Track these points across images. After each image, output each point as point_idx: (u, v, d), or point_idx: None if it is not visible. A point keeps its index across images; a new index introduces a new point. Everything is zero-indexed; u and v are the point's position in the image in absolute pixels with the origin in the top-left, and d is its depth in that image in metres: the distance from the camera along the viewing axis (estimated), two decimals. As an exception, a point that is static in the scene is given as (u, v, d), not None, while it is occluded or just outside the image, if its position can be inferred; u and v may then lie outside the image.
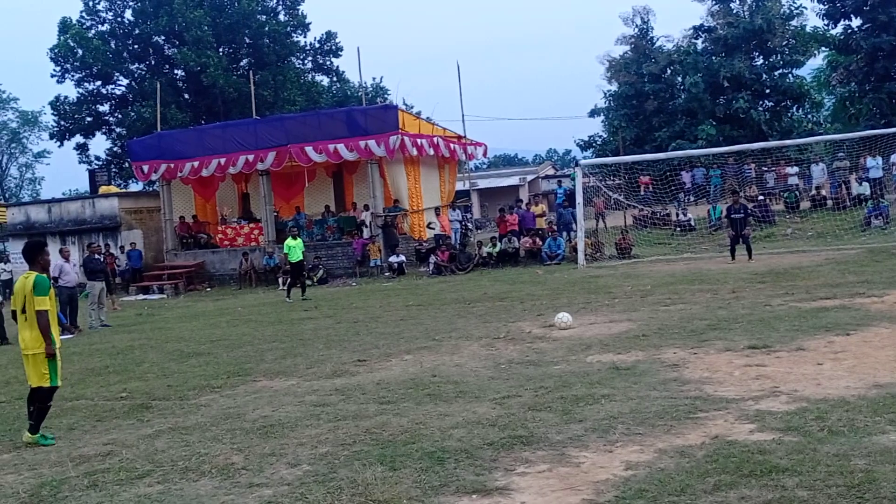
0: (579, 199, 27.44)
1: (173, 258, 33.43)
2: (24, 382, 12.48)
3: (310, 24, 55.15)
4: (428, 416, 8.14)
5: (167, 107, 44.72)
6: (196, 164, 32.22)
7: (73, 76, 52.10)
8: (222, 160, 31.75)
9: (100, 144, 55.27)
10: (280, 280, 29.11)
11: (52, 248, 33.54)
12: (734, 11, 49.26)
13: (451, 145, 34.69)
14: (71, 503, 6.50)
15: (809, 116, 53.10)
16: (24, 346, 8.71)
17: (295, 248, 23.95)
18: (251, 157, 31.33)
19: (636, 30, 52.60)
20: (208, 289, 31.21)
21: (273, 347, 14.22)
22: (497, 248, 29.06)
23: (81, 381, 12.14)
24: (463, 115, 37.54)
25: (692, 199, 37.40)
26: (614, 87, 53.63)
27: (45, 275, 8.86)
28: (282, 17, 54.72)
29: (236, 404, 9.66)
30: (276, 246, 31.33)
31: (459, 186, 40.25)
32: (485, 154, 40.54)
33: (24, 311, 8.70)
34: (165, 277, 32.15)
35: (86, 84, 52.94)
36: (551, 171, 67.51)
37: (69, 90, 53.63)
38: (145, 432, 8.61)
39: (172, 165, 32.68)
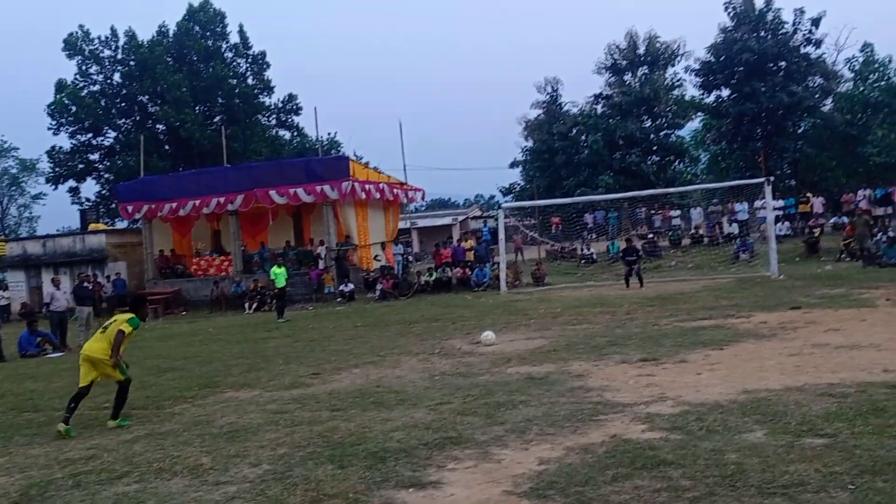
0: (501, 235, 27.64)
1: (153, 286, 32.60)
2: (16, 395, 12.07)
3: (274, 87, 54.95)
4: (372, 420, 8.04)
5: (150, 156, 43.87)
6: (174, 205, 31.67)
7: (67, 129, 50.95)
8: (197, 202, 31.27)
9: (90, 188, 53.98)
10: (247, 305, 28.68)
11: (45, 277, 32.77)
12: (627, 83, 50.39)
13: (395, 190, 34.65)
14: (57, 502, 6.23)
15: (689, 169, 54.49)
16: (91, 352, 9.15)
17: (280, 274, 23.59)
18: (222, 200, 30.91)
19: (547, 96, 53.35)
20: (184, 312, 30.51)
21: (239, 363, 13.91)
22: (433, 277, 29.03)
23: (69, 394, 11.69)
24: (405, 165, 37.93)
25: (594, 236, 38.00)
26: (530, 143, 54.23)
27: (139, 321, 9.38)
28: (250, 81, 54.35)
29: (206, 412, 9.42)
30: (244, 276, 30.93)
31: (402, 225, 40.17)
32: (423, 198, 40.61)
33: (104, 329, 9.28)
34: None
35: (78, 136, 51.75)
36: (478, 213, 67.68)
37: (63, 141, 52.39)
38: (125, 438, 8.32)
39: (154, 206, 32.06)
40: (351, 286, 28.86)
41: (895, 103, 41.45)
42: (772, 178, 25.95)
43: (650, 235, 33.72)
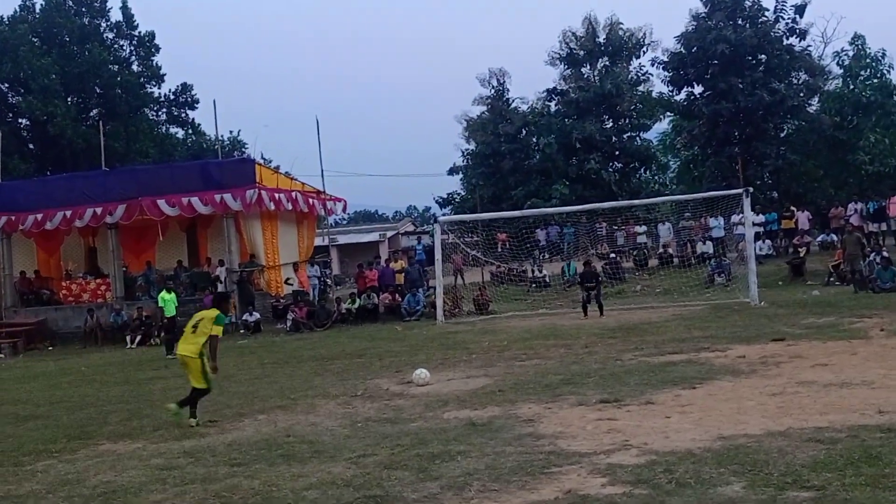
0: (438, 255, 27.73)
1: (12, 315, 31.68)
2: None
3: (164, 75, 54.26)
4: (281, 477, 7.94)
5: (10, 156, 42.74)
6: (39, 216, 30.80)
7: None
8: (68, 213, 30.50)
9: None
10: (129, 338, 28.10)
11: None
12: (585, 76, 51.15)
13: (311, 200, 34.47)
14: None
15: (656, 178, 55.41)
16: (183, 353, 11.57)
17: (170, 301, 23.30)
18: (99, 210, 30.23)
19: (493, 91, 53.73)
20: (50, 347, 29.69)
21: (118, 408, 13.63)
22: (356, 305, 28.92)
23: None
24: (322, 171, 37.19)
25: (547, 255, 38.33)
26: (472, 145, 54.52)
27: (224, 315, 12.01)
28: (135, 67, 53.55)
29: (76, 469, 9.18)
30: (125, 303, 30.31)
31: (318, 242, 39.91)
32: (344, 209, 40.43)
33: (194, 329, 11.57)
34: (3, 336, 30.40)
35: (-80, 131, 50.18)
36: (411, 228, 67.86)
37: None
38: (-27, 502, 8.05)
39: (13, 217, 31.13)
40: (256, 315, 28.54)
41: (889, 104, 42.84)
42: (751, 189, 26.62)
43: (612, 255, 34.14)
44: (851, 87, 43.70)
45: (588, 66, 51.66)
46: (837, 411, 9.00)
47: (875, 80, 43.29)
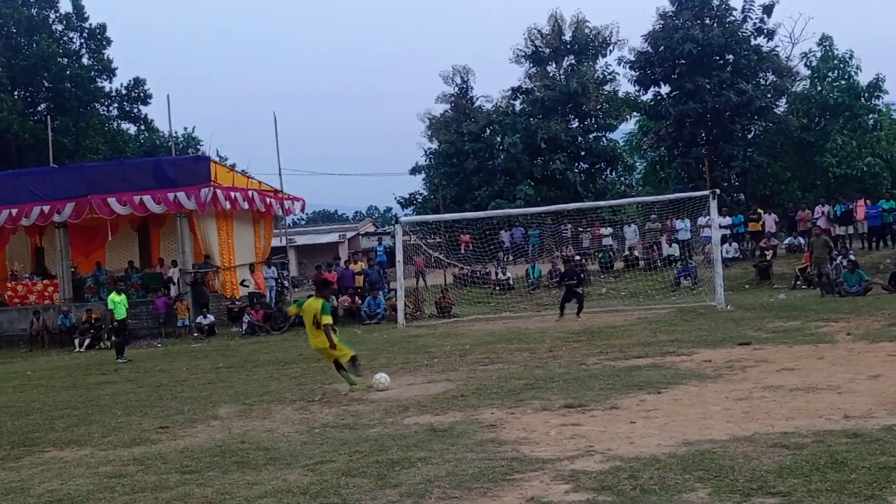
0: (399, 256, 27.71)
1: (-46, 318, 31.29)
2: None
3: (116, 69, 53.72)
4: (234, 485, 7.87)
5: (-48, 152, 42.22)
6: (-17, 214, 30.46)
7: None
8: (13, 211, 30.15)
9: None
10: (77, 341, 27.82)
11: None
12: (550, 74, 51.41)
13: (268, 199, 34.31)
14: None
15: (622, 179, 55.89)
16: (317, 346, 13.65)
17: (120, 303, 23.03)
18: (47, 209, 29.92)
19: (456, 89, 53.86)
20: (-7, 351, 29.33)
21: (65, 414, 13.44)
22: (314, 307, 28.79)
23: None
24: (280, 169, 37.28)
25: (511, 258, 38.45)
26: (435, 144, 54.56)
27: (328, 302, 13.81)
28: (85, 60, 52.99)
29: (20, 478, 9.03)
30: (73, 305, 29.97)
31: (276, 242, 39.76)
32: (303, 209, 40.34)
33: (316, 325, 13.32)
34: (-56, 339, 29.98)
35: None
36: (372, 229, 67.83)
37: None
38: (-90, 513, 7.90)
39: (-44, 216, 30.75)
40: (211, 318, 28.37)
41: (856, 106, 43.58)
42: (717, 191, 26.91)
43: (577, 257, 34.34)
44: (819, 88, 44.37)
45: (554, 65, 51.96)
46: (803, 416, 9.10)
47: (843, 82, 43.99)
